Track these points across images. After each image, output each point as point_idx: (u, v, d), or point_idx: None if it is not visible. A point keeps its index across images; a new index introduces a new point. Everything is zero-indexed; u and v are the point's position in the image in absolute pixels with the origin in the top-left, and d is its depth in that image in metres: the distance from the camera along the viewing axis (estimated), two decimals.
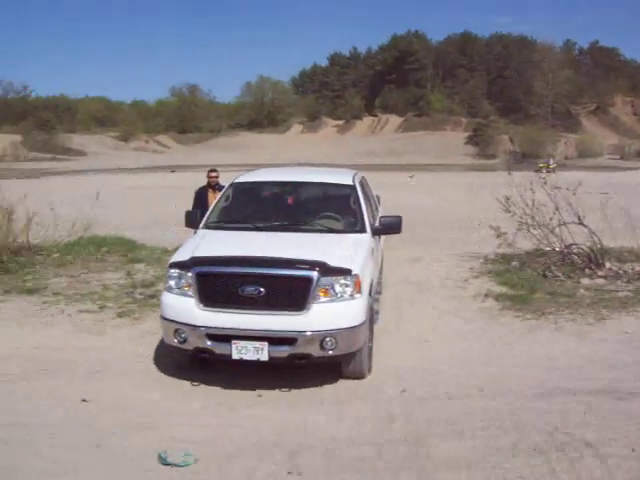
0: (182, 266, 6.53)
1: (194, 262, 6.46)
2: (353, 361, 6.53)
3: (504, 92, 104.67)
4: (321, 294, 6.22)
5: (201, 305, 6.30)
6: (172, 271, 6.61)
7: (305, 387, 6.49)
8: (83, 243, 13.37)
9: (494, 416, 5.59)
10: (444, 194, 29.59)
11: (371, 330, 7.08)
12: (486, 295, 9.75)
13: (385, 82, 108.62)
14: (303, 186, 8.59)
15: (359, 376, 6.68)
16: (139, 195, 29.45)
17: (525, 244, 11.45)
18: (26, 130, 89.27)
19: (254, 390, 6.42)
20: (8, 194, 12.40)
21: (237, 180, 8.63)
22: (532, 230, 11.24)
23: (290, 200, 8.26)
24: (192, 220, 8.04)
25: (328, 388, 6.53)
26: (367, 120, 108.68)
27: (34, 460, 4.95)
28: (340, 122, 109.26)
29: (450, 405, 5.97)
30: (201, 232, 7.67)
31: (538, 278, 10.37)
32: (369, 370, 6.84)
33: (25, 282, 10.59)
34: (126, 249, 13.31)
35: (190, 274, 6.39)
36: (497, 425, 5.38)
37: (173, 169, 56.08)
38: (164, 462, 4.85)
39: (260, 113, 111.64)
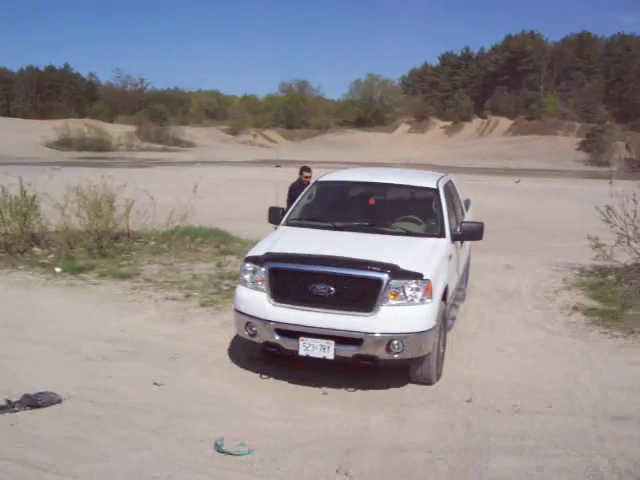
0: (256, 261, 6.67)
1: (268, 258, 6.59)
2: (421, 366, 6.48)
3: (623, 97, 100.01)
4: (391, 297, 6.20)
5: (272, 300, 6.43)
6: (247, 265, 6.76)
7: (371, 389, 6.50)
8: (179, 233, 13.82)
9: (558, 435, 5.44)
10: (548, 201, 28.65)
11: (443, 336, 7.03)
12: (575, 308, 9.44)
13: (496, 83, 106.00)
14: (386, 188, 8.58)
15: (427, 382, 6.63)
16: (240, 188, 30.10)
17: (625, 257, 10.94)
18: (140, 121, 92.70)
19: (320, 388, 6.50)
20: (116, 182, 12.97)
21: (321, 179, 8.72)
22: (633, 243, 10.77)
23: (372, 201, 8.25)
24: (275, 216, 8.17)
25: (394, 391, 6.51)
26: (476, 122, 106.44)
27: (98, 435, 5.26)
28: (448, 123, 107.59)
29: (515, 419, 5.84)
30: (281, 228, 7.82)
31: (634, 294, 9.88)
32: (438, 376, 6.77)
33: (120, 267, 11.12)
34: (220, 240, 13.68)
35: (263, 269, 6.53)
36: (559, 445, 5.24)
37: (279, 164, 56.86)
38: (219, 449, 5.02)
39: (368, 111, 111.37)
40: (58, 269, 10.76)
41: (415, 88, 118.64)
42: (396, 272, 6.21)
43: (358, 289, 6.23)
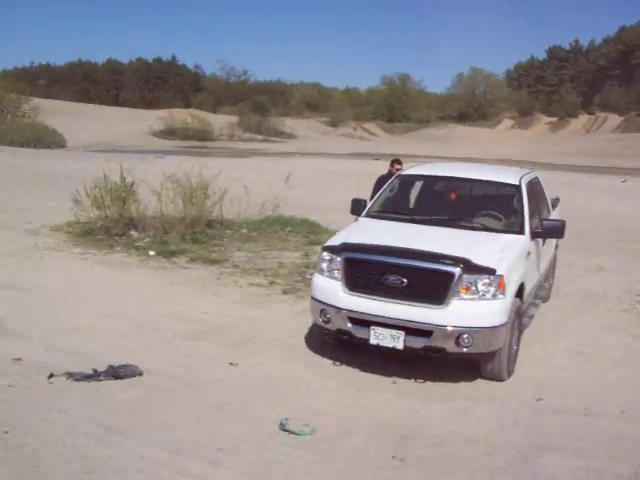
0: (333, 250, 6.87)
1: (344, 247, 6.77)
2: (491, 362, 6.50)
3: None
4: (463, 290, 6.25)
5: (346, 289, 6.60)
6: (324, 254, 6.97)
7: (441, 381, 6.57)
8: (270, 222, 14.23)
9: (624, 441, 5.37)
10: None
11: (517, 334, 7.01)
12: None
13: (607, 78, 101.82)
14: (467, 183, 8.59)
15: (497, 378, 6.63)
16: (336, 179, 30.34)
17: None
18: (242, 112, 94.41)
19: (390, 377, 6.61)
20: (212, 171, 13.46)
21: (403, 172, 8.81)
22: None
23: (452, 196, 8.30)
24: (357, 208, 8.32)
25: (463, 385, 6.55)
26: (583, 118, 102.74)
27: (171, 407, 5.65)
28: (553, 119, 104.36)
29: (582, 421, 5.78)
30: (361, 220, 7.98)
31: None
32: (510, 374, 6.76)
33: (211, 253, 11.58)
34: (309, 231, 13.98)
35: (339, 258, 6.71)
36: (623, 450, 5.18)
37: (377, 157, 56.91)
38: (283, 428, 5.26)
39: (470, 105, 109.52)
40: (152, 252, 11.32)
41: (520, 82, 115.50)
42: (469, 266, 6.26)
43: (430, 282, 6.31)
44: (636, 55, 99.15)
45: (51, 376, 6.03)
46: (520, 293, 6.90)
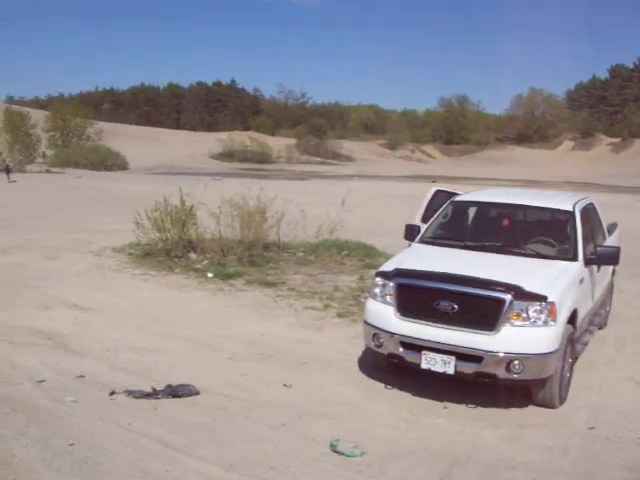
0: (386, 276, 7.00)
1: (396, 273, 6.90)
2: (543, 388, 6.49)
3: None
4: (514, 317, 6.29)
5: (398, 314, 6.72)
6: (377, 279, 7.11)
7: (493, 407, 6.58)
8: (326, 245, 14.37)
9: None
10: None
11: (570, 361, 6.98)
12: None
13: None
14: (521, 209, 8.61)
15: (549, 405, 6.61)
16: (393, 202, 30.40)
17: None
18: (300, 134, 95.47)
19: (442, 402, 6.67)
20: (270, 194, 13.72)
21: (457, 198, 8.89)
22: None
23: (506, 222, 8.32)
24: (411, 233, 8.44)
25: (515, 411, 6.55)
26: None
27: (226, 425, 5.87)
28: (616, 140, 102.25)
29: (635, 451, 5.72)
30: (414, 245, 8.10)
31: None
32: (562, 401, 6.73)
33: (267, 276, 11.80)
34: (365, 254, 14.05)
35: (392, 284, 6.84)
36: None
37: (434, 179, 56.70)
38: (333, 449, 5.41)
39: (530, 127, 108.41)
40: (210, 274, 11.61)
41: (581, 103, 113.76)
42: (520, 293, 6.30)
43: (481, 308, 6.37)
44: None
45: (112, 393, 6.32)
46: (573, 320, 6.87)
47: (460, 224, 8.66)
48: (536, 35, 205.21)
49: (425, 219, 9.29)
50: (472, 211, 8.86)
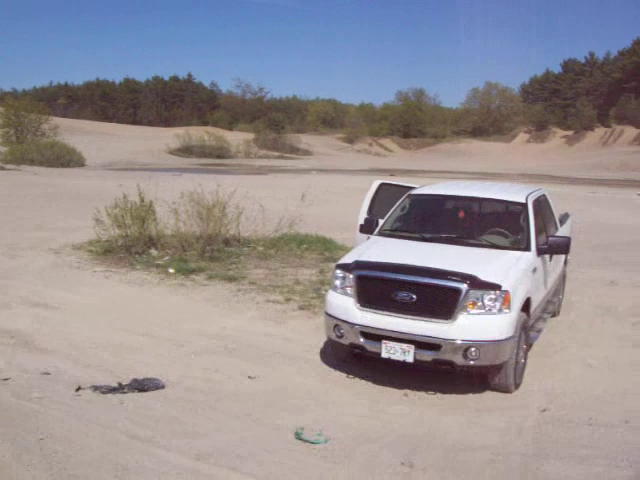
0: (346, 268, 7.18)
1: (356, 265, 7.09)
2: (499, 374, 6.75)
3: None
4: (470, 306, 6.53)
5: (358, 305, 6.91)
6: (338, 272, 7.29)
7: (451, 393, 6.82)
8: (286, 239, 14.50)
9: (625, 449, 5.59)
10: None
11: (525, 347, 7.26)
12: None
13: (623, 90, 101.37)
14: (475, 201, 8.86)
15: (505, 389, 6.88)
16: (353, 196, 30.56)
17: None
18: (258, 129, 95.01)
19: (402, 389, 6.90)
20: (228, 189, 13.79)
21: (413, 192, 9.10)
22: None
23: (461, 214, 8.56)
24: (369, 227, 8.63)
25: (472, 397, 6.80)
26: (599, 131, 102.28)
27: (192, 417, 5.99)
28: (569, 132, 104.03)
29: (586, 431, 6.00)
30: (373, 238, 8.29)
31: None
32: (517, 385, 7.01)
33: (228, 270, 11.88)
34: (324, 248, 14.23)
35: (352, 276, 7.03)
36: (623, 458, 5.40)
37: (393, 173, 57.19)
38: (298, 437, 5.58)
39: (486, 120, 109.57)
40: (171, 270, 11.66)
41: (535, 96, 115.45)
42: (475, 282, 6.54)
43: (438, 297, 6.59)
44: None
45: (78, 389, 6.38)
46: (526, 308, 7.15)
47: (417, 217, 8.88)
48: (491, 29, 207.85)
49: (370, 212, 9.51)
50: (429, 204, 9.07)
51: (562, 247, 7.91)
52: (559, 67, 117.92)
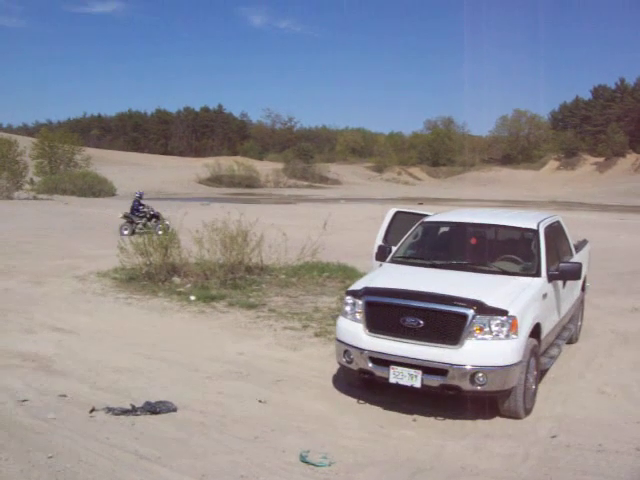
0: (355, 294, 7.30)
1: (365, 291, 7.21)
2: (507, 399, 6.77)
3: None
4: (476, 331, 6.58)
5: (367, 330, 7.01)
6: (348, 298, 7.41)
7: (460, 419, 6.85)
8: (308, 267, 14.64)
9: (633, 475, 5.59)
10: None
11: (536, 373, 7.27)
12: None
13: None
14: (487, 228, 8.93)
15: (514, 415, 6.89)
16: (375, 225, 30.63)
17: None
18: (288, 158, 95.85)
19: (411, 415, 6.95)
20: (255, 217, 14.01)
21: (426, 219, 9.20)
22: None
23: (473, 241, 8.64)
24: (382, 254, 8.74)
25: (481, 423, 6.82)
26: (630, 157, 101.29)
27: (201, 439, 6.12)
28: (600, 159, 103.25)
29: (595, 457, 5.97)
30: (385, 265, 8.41)
31: None
32: (528, 412, 7.00)
33: (249, 298, 12.05)
34: (346, 276, 14.30)
35: (361, 302, 7.14)
36: None
37: (421, 202, 57.30)
38: (302, 459, 5.68)
39: (514, 148, 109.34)
40: (192, 297, 11.86)
41: (565, 123, 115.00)
42: (482, 308, 6.60)
43: (445, 323, 6.66)
44: None
45: (92, 410, 6.56)
46: (536, 333, 7.18)
47: (429, 244, 8.97)
48: (520, 56, 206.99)
49: (386, 240, 9.62)
50: (441, 231, 9.17)
51: (573, 273, 7.93)
52: (589, 94, 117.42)
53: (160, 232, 23.41)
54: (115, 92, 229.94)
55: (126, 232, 21.74)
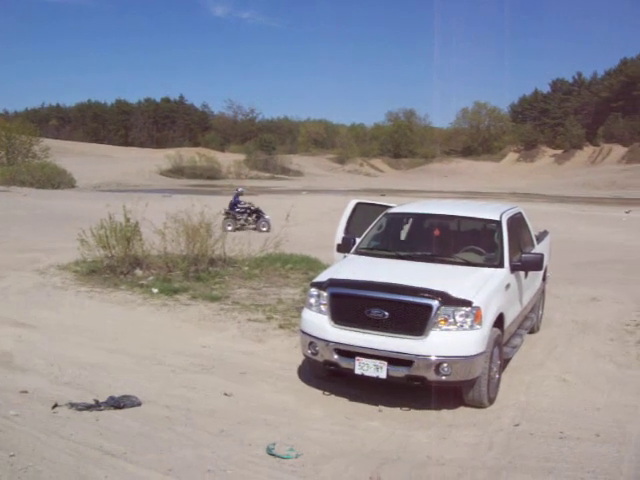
0: (320, 286, 7.30)
1: (330, 283, 7.21)
2: (472, 389, 6.84)
3: None
4: (441, 322, 6.63)
5: (332, 322, 7.01)
6: (312, 290, 7.40)
7: (425, 409, 6.89)
8: (271, 259, 14.60)
9: (592, 461, 5.69)
10: None
11: (499, 362, 7.36)
12: None
13: (610, 109, 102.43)
14: (450, 219, 9.01)
15: (478, 405, 6.97)
16: (338, 216, 30.64)
17: None
18: (250, 150, 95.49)
19: (377, 405, 6.98)
20: (217, 209, 13.90)
21: (390, 210, 9.23)
22: None
23: (437, 232, 8.69)
24: (346, 245, 8.75)
25: (446, 412, 6.88)
26: (587, 150, 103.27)
27: (166, 433, 6.06)
28: (558, 151, 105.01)
29: (557, 444, 6.07)
30: (349, 257, 8.42)
31: None
32: (491, 401, 7.09)
33: (212, 290, 11.96)
34: (309, 267, 14.31)
35: (326, 294, 7.14)
36: (589, 469, 5.50)
37: (383, 193, 57.54)
38: (269, 452, 5.66)
39: (475, 140, 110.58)
40: (155, 290, 11.72)
41: (524, 116, 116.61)
42: (446, 299, 6.65)
43: (410, 314, 6.69)
44: (638, 87, 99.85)
45: (55, 406, 6.44)
46: (500, 323, 7.26)
47: (393, 235, 9.00)
48: (480, 50, 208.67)
49: (347, 231, 9.63)
50: (405, 222, 9.20)
51: (535, 264, 8.03)
52: (548, 87, 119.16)
53: (264, 229, 23.64)
54: (74, 82, 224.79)
55: (230, 228, 22.33)
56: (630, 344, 9.45)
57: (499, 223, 8.36)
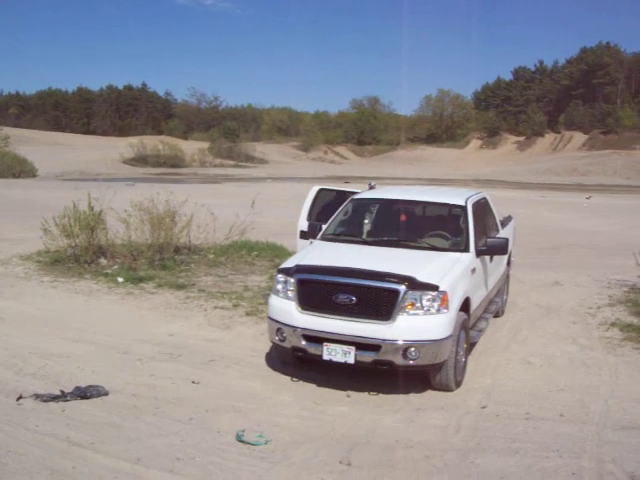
0: (287, 272, 7.28)
1: (297, 269, 7.19)
2: (439, 373, 6.90)
3: None
4: (408, 306, 6.67)
5: (299, 308, 7.00)
6: (279, 276, 7.38)
7: (393, 393, 6.95)
8: (237, 246, 14.55)
9: (557, 440, 5.79)
10: (617, 218, 27.91)
11: (466, 346, 7.44)
12: (613, 324, 9.61)
13: (571, 97, 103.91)
14: (416, 205, 9.07)
15: (445, 388, 7.04)
16: (303, 204, 30.63)
17: None
18: (213, 138, 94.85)
19: (345, 391, 7.01)
20: (181, 197, 13.78)
21: (356, 196, 9.25)
22: None
23: (403, 217, 8.72)
24: (312, 231, 8.74)
25: (414, 397, 6.95)
26: (549, 137, 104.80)
27: (134, 422, 6.02)
28: (521, 138, 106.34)
29: (523, 425, 6.17)
30: (315, 243, 8.41)
31: None
32: (458, 384, 7.17)
33: (178, 278, 11.89)
34: (275, 254, 14.33)
35: (292, 280, 7.12)
36: (554, 448, 5.60)
37: (347, 180, 57.59)
38: (239, 439, 5.66)
39: (439, 127, 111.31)
40: (120, 279, 11.61)
41: (487, 103, 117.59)
42: (413, 283, 6.68)
43: (377, 299, 6.72)
44: (597, 75, 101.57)
45: (19, 398, 6.34)
46: (466, 307, 7.34)
47: (360, 220, 9.00)
48: (444, 38, 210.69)
49: (310, 218, 9.63)
50: (371, 208, 9.22)
51: (500, 248, 8.12)
52: (510, 75, 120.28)
53: None
54: (34, 69, 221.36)
55: None
56: (592, 326, 9.63)
57: (464, 208, 8.42)
